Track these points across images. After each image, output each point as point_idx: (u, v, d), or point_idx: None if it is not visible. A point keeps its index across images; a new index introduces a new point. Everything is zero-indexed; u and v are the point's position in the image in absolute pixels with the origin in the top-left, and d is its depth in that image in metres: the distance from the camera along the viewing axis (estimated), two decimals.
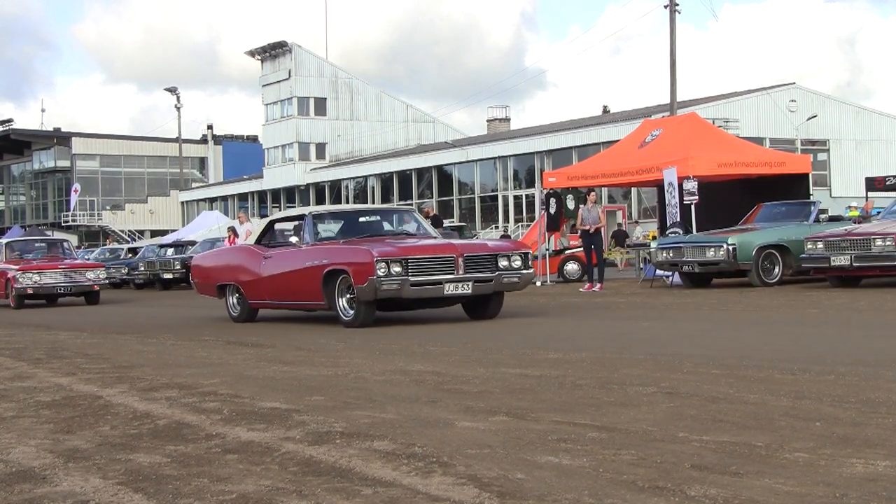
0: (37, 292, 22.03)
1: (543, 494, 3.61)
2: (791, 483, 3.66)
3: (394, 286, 11.40)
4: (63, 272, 22.17)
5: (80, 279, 22.22)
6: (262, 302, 13.87)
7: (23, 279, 21.76)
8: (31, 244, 25.16)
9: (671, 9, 35.44)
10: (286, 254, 13.39)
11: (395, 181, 57.54)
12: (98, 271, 22.83)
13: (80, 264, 23.24)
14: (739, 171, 20.51)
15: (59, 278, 22.03)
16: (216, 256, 16.39)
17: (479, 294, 11.97)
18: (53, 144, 77.76)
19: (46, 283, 21.90)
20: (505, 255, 12.05)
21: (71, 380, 7.58)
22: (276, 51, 64.76)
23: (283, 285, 13.16)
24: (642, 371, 6.82)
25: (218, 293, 14.78)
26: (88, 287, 22.35)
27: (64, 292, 22.21)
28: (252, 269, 13.83)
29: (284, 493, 3.82)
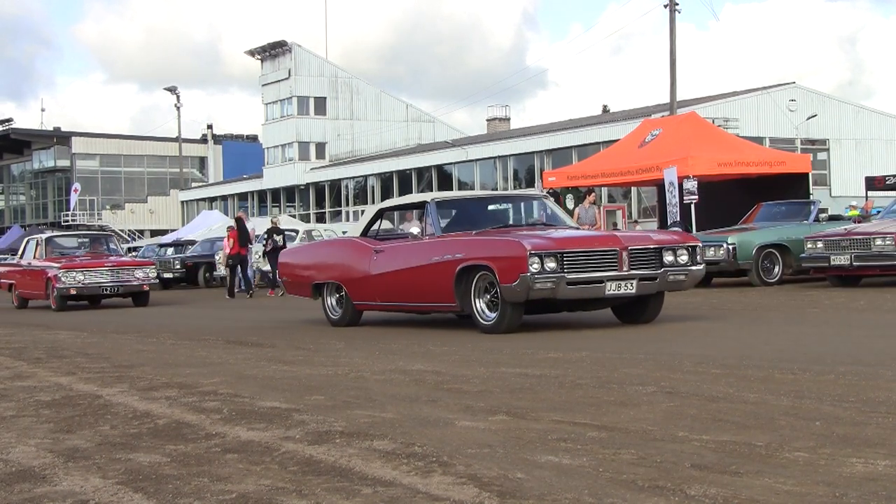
0: (80, 293, 19.98)
1: (543, 494, 3.61)
2: (791, 483, 3.66)
3: (548, 285, 9.75)
4: (110, 270, 20.09)
5: (127, 278, 20.17)
6: (369, 303, 12.17)
7: (66, 278, 19.64)
8: (73, 240, 23.42)
9: (671, 8, 35.42)
10: (405, 248, 11.62)
11: (395, 181, 57.54)
12: (147, 269, 20.78)
13: (127, 262, 21.36)
14: (739, 171, 20.53)
15: (104, 277, 19.97)
16: (312, 251, 14.39)
17: (641, 294, 10.36)
18: (53, 144, 77.78)
19: (91, 283, 19.85)
20: (671, 248, 10.44)
21: (71, 379, 7.58)
22: (276, 50, 64.75)
23: (400, 284, 11.44)
24: (642, 371, 6.82)
25: (313, 293, 12.98)
26: (137, 287, 20.25)
27: (110, 293, 20.13)
28: (359, 265, 12.02)
29: (284, 492, 3.81)
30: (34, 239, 22.51)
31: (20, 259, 22.55)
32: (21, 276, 21.98)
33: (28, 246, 22.55)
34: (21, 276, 21.98)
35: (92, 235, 24.34)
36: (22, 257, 22.47)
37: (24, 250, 22.58)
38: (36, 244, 21.93)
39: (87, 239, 23.26)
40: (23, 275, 21.83)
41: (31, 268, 21.34)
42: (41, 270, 20.55)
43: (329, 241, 15.78)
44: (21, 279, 21.98)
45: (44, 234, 22.58)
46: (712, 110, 41.39)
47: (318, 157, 64.86)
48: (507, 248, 10.05)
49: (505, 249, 10.08)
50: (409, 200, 14.08)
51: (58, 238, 23.44)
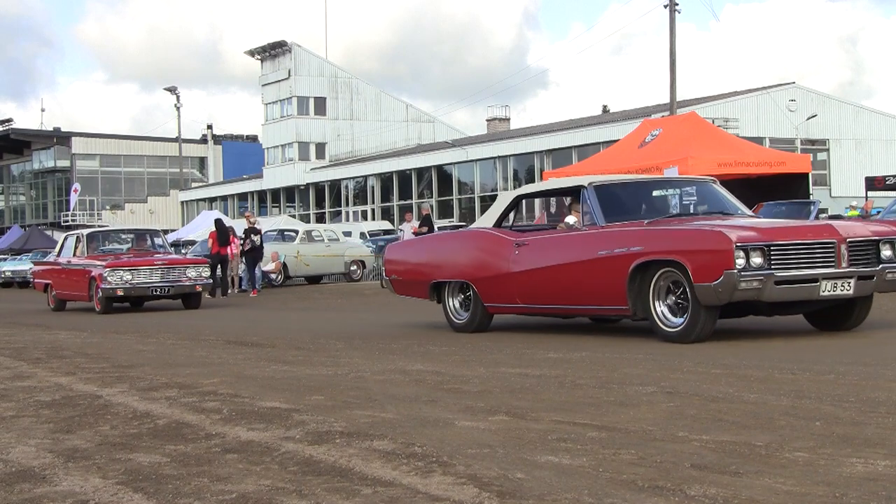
0: (128, 294, 18.16)
1: (543, 494, 3.61)
2: (791, 483, 3.66)
3: (754, 284, 8.19)
4: (160, 269, 18.28)
5: (178, 278, 18.32)
6: (506, 305, 10.44)
7: (112, 278, 17.77)
8: (116, 236, 21.30)
9: (671, 8, 35.43)
10: (559, 240, 9.97)
11: (395, 181, 57.54)
12: (200, 268, 18.81)
13: (178, 260, 19.45)
14: (739, 171, 20.53)
15: (154, 277, 18.17)
16: (430, 245, 12.19)
17: (857, 296, 8.79)
18: (53, 144, 77.81)
19: (140, 283, 18.06)
20: (888, 241, 8.91)
21: (71, 379, 7.58)
22: (276, 50, 64.77)
23: (551, 283, 9.80)
24: (642, 371, 6.82)
25: (430, 294, 11.24)
26: (188, 288, 18.40)
27: (160, 294, 18.33)
28: (495, 261, 10.33)
29: (284, 492, 3.81)
30: (73, 235, 20.72)
31: (57, 257, 20.75)
32: (59, 276, 20.17)
33: (66, 243, 20.78)
34: (59, 275, 20.17)
35: (137, 231, 22.35)
36: (59, 255, 20.68)
37: (63, 248, 20.83)
38: (76, 240, 20.13)
39: (132, 235, 21.27)
40: (61, 274, 20.03)
41: (71, 266, 19.53)
42: (83, 269, 18.78)
43: (453, 234, 13.11)
44: (59, 279, 20.19)
45: (85, 231, 20.72)
46: (712, 110, 41.41)
47: (318, 157, 64.89)
48: (706, 240, 8.43)
49: (703, 241, 8.47)
50: (554, 186, 11.69)
51: (100, 234, 21.39)
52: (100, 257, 19.03)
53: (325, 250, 28.86)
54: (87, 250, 19.50)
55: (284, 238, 29.21)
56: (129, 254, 19.45)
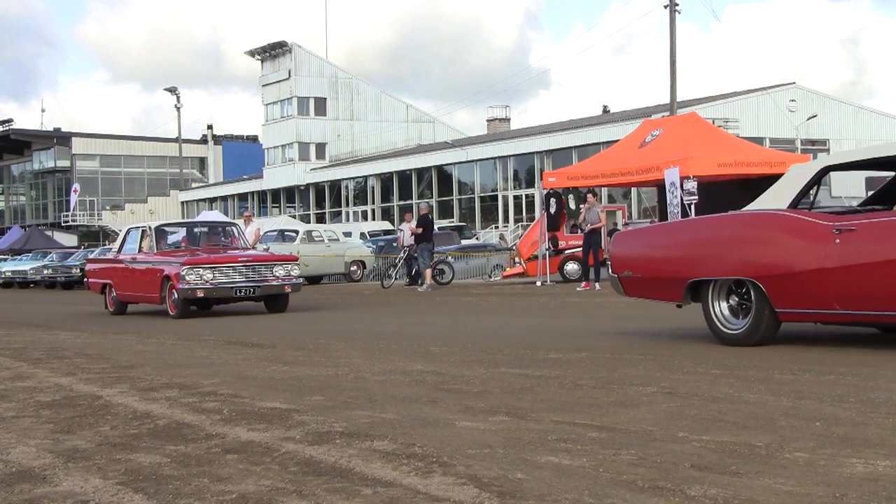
0: (209, 295, 15.85)
1: (543, 494, 3.61)
2: (791, 483, 3.66)
3: None
4: (244, 267, 16.04)
5: (265, 277, 16.11)
6: (814, 311, 7.92)
7: (191, 277, 15.56)
8: (189, 230, 18.72)
9: (671, 8, 35.43)
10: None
11: (395, 181, 57.54)
12: (289, 266, 16.43)
13: (265, 257, 16.95)
14: (739, 171, 20.53)
15: (237, 276, 15.95)
16: (683, 233, 9.34)
17: None
18: (53, 144, 77.84)
19: (222, 283, 15.78)
20: None
21: (71, 380, 7.58)
22: (276, 51, 64.79)
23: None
24: (642, 371, 6.82)
25: (685, 295, 8.80)
26: (276, 288, 16.16)
27: (244, 295, 16.03)
28: (798, 252, 7.82)
29: (284, 493, 3.81)
30: (139, 228, 18.20)
31: (118, 253, 18.44)
32: (123, 275, 17.85)
33: (129, 237, 18.38)
34: (123, 274, 17.85)
35: (210, 224, 19.88)
36: (121, 251, 18.38)
37: (124, 242, 18.48)
38: (142, 234, 17.68)
39: (204, 228, 18.88)
40: (125, 273, 17.74)
41: (138, 264, 17.26)
42: (154, 268, 16.60)
43: (722, 218, 9.22)
44: (122, 279, 17.88)
45: (153, 223, 18.07)
46: (712, 111, 41.43)
47: (318, 157, 64.92)
48: None
49: None
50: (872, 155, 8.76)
51: (170, 227, 19.05)
52: (173, 253, 16.87)
53: (326, 250, 28.87)
54: (158, 245, 17.16)
55: (284, 238, 29.22)
56: (206, 249, 17.10)
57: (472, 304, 16.68)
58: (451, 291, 21.55)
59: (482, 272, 28.66)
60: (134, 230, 18.43)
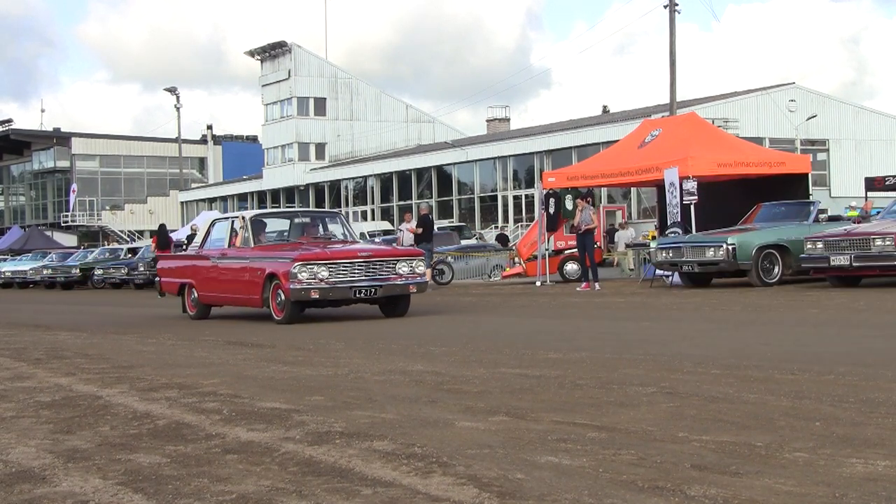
0: (325, 297, 13.29)
1: (543, 494, 3.61)
2: (791, 483, 3.66)
3: None
4: (364, 263, 13.55)
5: (388, 275, 13.63)
6: None
7: (304, 275, 13.14)
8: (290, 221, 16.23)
9: (671, 8, 35.42)
10: None
11: (395, 181, 57.53)
12: (415, 262, 13.91)
13: (387, 251, 14.49)
14: (739, 171, 20.53)
15: (357, 274, 13.45)
16: None
17: None
18: (53, 145, 77.83)
19: (341, 282, 13.34)
20: None
21: (71, 380, 7.58)
22: (276, 51, 64.78)
23: None
24: (642, 371, 6.82)
25: None
26: (401, 288, 13.69)
27: (364, 296, 13.51)
28: None
29: (284, 493, 3.82)
30: (228, 219, 15.89)
31: (200, 248, 16.08)
32: (209, 274, 15.42)
33: (216, 229, 15.99)
34: (209, 273, 15.41)
35: (312, 214, 17.45)
36: (203, 246, 15.98)
37: (208, 236, 16.06)
38: (231, 226, 15.30)
39: (306, 219, 16.30)
40: (213, 271, 15.32)
41: (230, 261, 14.93)
42: (254, 266, 14.18)
43: None
44: (208, 278, 15.44)
45: (247, 212, 15.48)
46: (712, 111, 41.40)
47: (318, 157, 64.89)
48: None
49: None
50: None
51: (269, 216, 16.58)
52: (278, 248, 14.54)
53: None
54: (255, 239, 14.69)
55: None
56: (311, 243, 14.60)
57: (471, 304, 16.69)
58: (450, 291, 21.55)
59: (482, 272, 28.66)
60: (221, 221, 16.17)
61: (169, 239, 27.28)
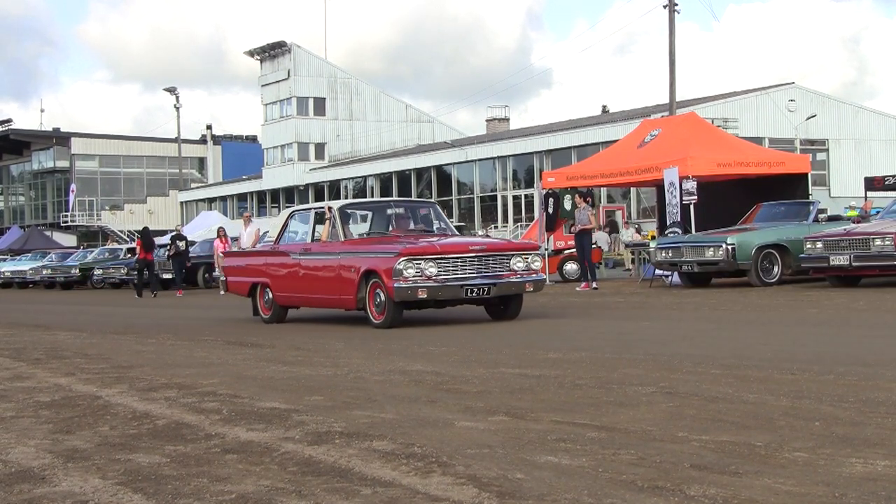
0: (433, 296, 11.72)
1: (543, 494, 3.61)
2: (790, 483, 3.66)
3: None
4: (477, 259, 11.93)
5: (501, 272, 12.02)
6: None
7: (410, 272, 11.57)
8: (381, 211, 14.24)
9: (670, 9, 35.42)
10: None
11: (395, 181, 57.54)
12: (530, 257, 12.27)
13: (500, 245, 12.82)
14: (739, 171, 20.53)
15: (469, 270, 11.85)
16: None
17: None
18: (52, 145, 77.81)
19: (452, 280, 11.73)
20: None
21: (70, 380, 7.58)
22: (276, 51, 64.78)
23: None
24: (642, 371, 6.82)
25: None
26: (516, 287, 12.09)
27: (477, 295, 11.90)
28: None
29: (284, 493, 3.81)
30: (309, 210, 14.17)
31: (276, 243, 14.29)
32: (289, 271, 13.65)
33: (294, 221, 14.28)
34: (289, 270, 13.64)
35: (406, 204, 15.26)
36: (280, 241, 14.22)
37: (285, 229, 14.28)
38: (316, 218, 13.59)
39: (399, 209, 14.27)
40: (294, 269, 13.54)
41: (315, 257, 13.18)
42: (347, 261, 12.48)
43: None
44: (289, 276, 13.67)
45: (334, 202, 13.65)
46: (712, 110, 41.41)
47: (318, 157, 64.90)
48: None
49: None
50: None
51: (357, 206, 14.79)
52: (375, 242, 12.84)
53: None
54: (345, 232, 13.00)
55: None
56: (418, 236, 12.94)
57: None
58: None
59: None
60: (301, 213, 14.35)
61: (153, 241, 28.19)
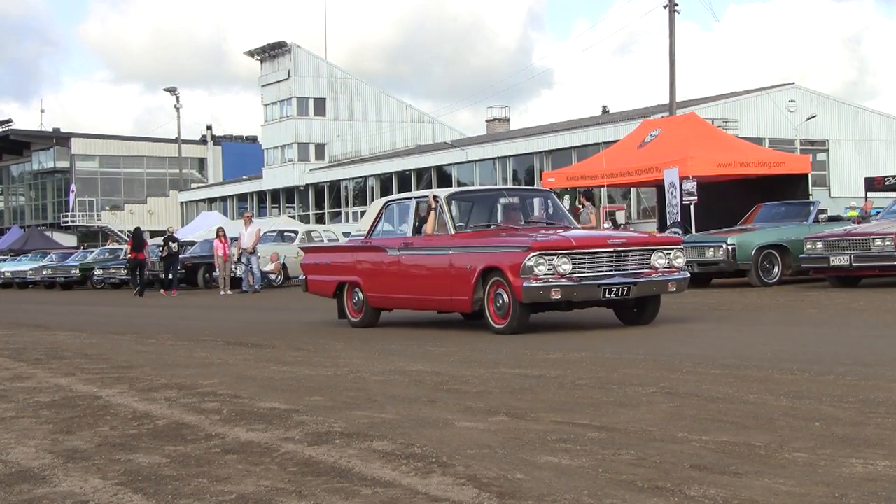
0: (568, 297, 10.21)
1: (543, 494, 3.61)
2: (790, 483, 3.66)
3: None
4: (617, 254, 10.43)
5: (641, 269, 10.46)
6: None
7: (541, 269, 9.98)
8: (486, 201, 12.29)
9: (670, 9, 35.41)
10: None
11: (395, 181, 57.53)
12: (672, 252, 10.72)
13: (642, 238, 11.15)
14: (739, 172, 20.55)
15: (608, 267, 10.35)
16: None
17: None
18: (53, 145, 77.81)
19: (587, 278, 10.20)
20: None
21: (70, 380, 7.58)
22: (276, 51, 64.76)
23: None
24: (642, 371, 6.82)
25: None
26: (659, 287, 10.56)
27: (616, 296, 10.34)
28: None
29: (284, 493, 3.81)
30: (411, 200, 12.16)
31: (368, 237, 12.44)
32: (387, 269, 11.92)
33: (390, 212, 12.53)
34: (387, 268, 11.93)
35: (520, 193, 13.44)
36: (372, 235, 12.42)
37: (379, 221, 12.47)
38: (418, 209, 11.78)
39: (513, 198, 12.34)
40: (394, 267, 11.81)
41: (422, 252, 11.45)
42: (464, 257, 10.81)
43: None
44: (385, 274, 11.97)
45: (440, 190, 11.90)
46: (712, 111, 41.39)
47: (318, 157, 64.87)
48: None
49: None
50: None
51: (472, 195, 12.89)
52: (490, 234, 11.22)
53: None
54: (454, 225, 11.27)
55: (284, 239, 29.21)
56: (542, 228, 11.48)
57: None
58: None
59: None
60: (398, 203, 12.55)
61: (144, 242, 28.41)
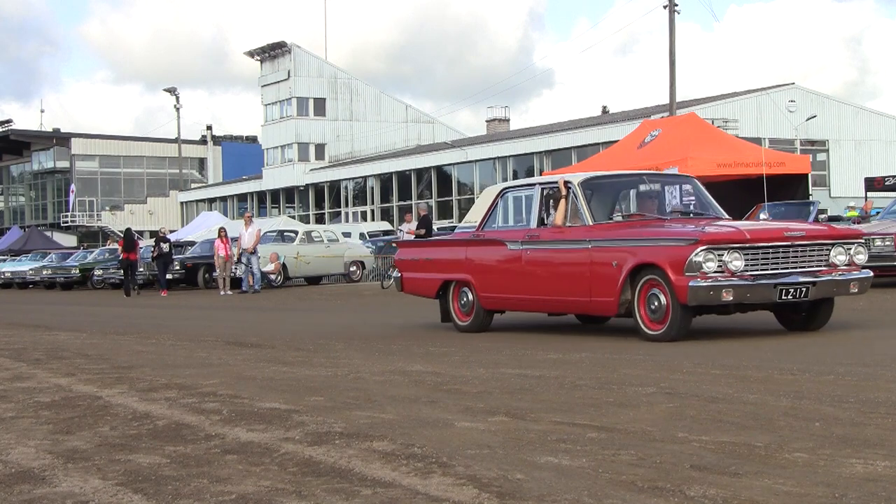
0: (741, 299, 8.95)
1: (543, 495, 3.61)
2: (790, 483, 3.66)
3: None
4: (797, 248, 9.18)
5: (818, 266, 9.24)
6: None
7: (710, 265, 8.75)
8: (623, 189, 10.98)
9: (670, 9, 35.43)
10: None
11: (395, 181, 57.54)
12: (854, 248, 9.51)
13: (822, 231, 9.72)
14: (739, 172, 20.55)
15: (787, 264, 9.15)
16: None
17: None
18: (53, 145, 77.84)
19: (761, 276, 8.99)
20: None
21: (70, 380, 7.57)
22: (276, 51, 64.79)
23: None
24: (642, 371, 6.82)
25: None
26: (841, 287, 9.31)
27: (793, 298, 9.10)
28: None
29: (284, 493, 3.81)
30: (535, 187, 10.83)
31: (481, 230, 11.27)
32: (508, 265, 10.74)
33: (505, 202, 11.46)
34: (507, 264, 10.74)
35: (662, 179, 11.52)
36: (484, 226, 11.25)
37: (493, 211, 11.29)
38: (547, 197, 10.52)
39: (654, 185, 10.90)
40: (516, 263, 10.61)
41: (553, 246, 10.27)
42: (608, 251, 9.58)
43: None
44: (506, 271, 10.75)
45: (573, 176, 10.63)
46: (712, 111, 41.42)
47: (318, 158, 64.91)
48: None
49: None
50: None
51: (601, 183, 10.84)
52: (636, 226, 9.91)
53: (325, 251, 28.87)
54: (593, 215, 10.02)
55: (284, 239, 29.21)
56: (688, 221, 10.16)
57: None
58: None
59: None
60: (519, 191, 11.38)
61: (135, 242, 28.68)
